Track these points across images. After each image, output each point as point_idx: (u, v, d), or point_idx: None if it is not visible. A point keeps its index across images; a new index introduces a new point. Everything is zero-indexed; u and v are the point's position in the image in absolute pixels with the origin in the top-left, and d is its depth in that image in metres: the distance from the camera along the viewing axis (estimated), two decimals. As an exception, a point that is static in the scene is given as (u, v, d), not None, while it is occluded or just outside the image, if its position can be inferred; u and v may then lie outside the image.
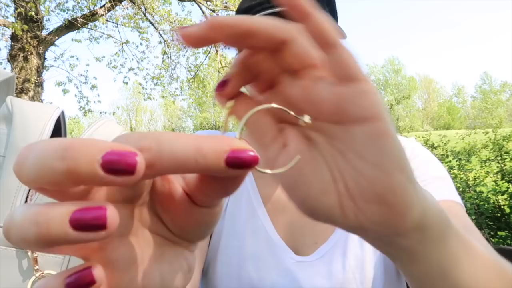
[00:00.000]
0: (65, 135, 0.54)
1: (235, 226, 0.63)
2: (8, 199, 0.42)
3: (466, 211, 2.66)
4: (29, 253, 0.41)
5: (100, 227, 0.15)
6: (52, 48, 7.32)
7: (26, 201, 0.43)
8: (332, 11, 0.62)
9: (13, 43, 6.53)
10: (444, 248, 0.26)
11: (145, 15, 7.75)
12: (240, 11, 0.63)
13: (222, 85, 0.24)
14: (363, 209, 0.23)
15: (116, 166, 0.15)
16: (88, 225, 0.15)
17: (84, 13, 7.28)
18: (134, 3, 7.47)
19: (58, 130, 0.52)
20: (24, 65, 6.53)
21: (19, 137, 0.45)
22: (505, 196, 2.57)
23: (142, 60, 8.23)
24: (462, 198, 2.53)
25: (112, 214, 0.15)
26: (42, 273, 0.41)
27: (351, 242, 0.60)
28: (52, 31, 7.03)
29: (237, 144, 0.18)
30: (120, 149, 0.15)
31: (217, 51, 8.45)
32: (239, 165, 0.17)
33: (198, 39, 0.21)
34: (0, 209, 0.42)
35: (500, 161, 2.87)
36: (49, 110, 0.50)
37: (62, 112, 0.52)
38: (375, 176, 0.22)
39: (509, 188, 2.62)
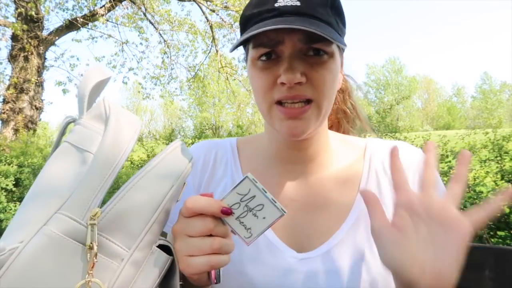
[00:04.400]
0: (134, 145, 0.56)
1: (233, 235, 0.63)
2: (88, 197, 0.43)
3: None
4: (88, 255, 0.41)
5: None
6: (52, 48, 7.31)
7: (102, 203, 0.44)
8: (338, 14, 0.61)
9: (13, 43, 6.52)
10: None
11: (145, 15, 7.74)
12: (244, 19, 0.62)
13: None
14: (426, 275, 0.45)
15: None
16: None
17: (84, 13, 7.26)
18: (134, 3, 7.47)
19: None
20: (24, 65, 6.52)
21: (112, 141, 0.47)
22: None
23: (141, 60, 8.23)
24: (462, 198, 2.53)
25: None
26: (90, 280, 0.40)
27: (358, 240, 0.61)
28: (52, 31, 7.02)
29: None
30: None
31: (217, 51, 8.45)
32: None
33: None
34: (77, 203, 0.43)
35: (499, 161, 2.87)
36: (136, 121, 0.52)
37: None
38: (441, 265, 0.44)
39: (508, 188, 2.62)
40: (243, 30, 0.62)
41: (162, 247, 0.50)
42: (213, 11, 7.99)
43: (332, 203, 0.65)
